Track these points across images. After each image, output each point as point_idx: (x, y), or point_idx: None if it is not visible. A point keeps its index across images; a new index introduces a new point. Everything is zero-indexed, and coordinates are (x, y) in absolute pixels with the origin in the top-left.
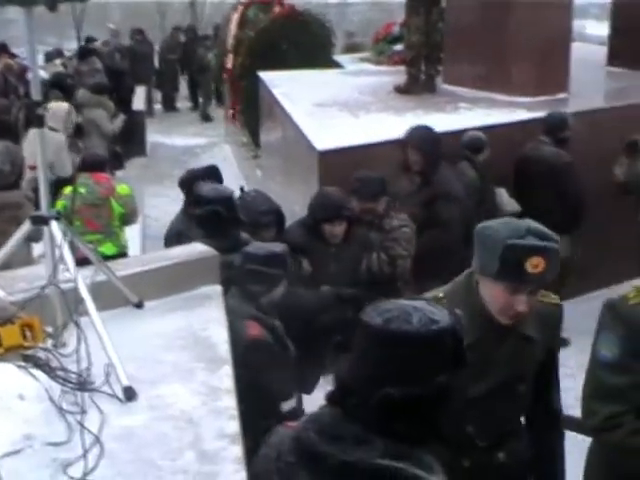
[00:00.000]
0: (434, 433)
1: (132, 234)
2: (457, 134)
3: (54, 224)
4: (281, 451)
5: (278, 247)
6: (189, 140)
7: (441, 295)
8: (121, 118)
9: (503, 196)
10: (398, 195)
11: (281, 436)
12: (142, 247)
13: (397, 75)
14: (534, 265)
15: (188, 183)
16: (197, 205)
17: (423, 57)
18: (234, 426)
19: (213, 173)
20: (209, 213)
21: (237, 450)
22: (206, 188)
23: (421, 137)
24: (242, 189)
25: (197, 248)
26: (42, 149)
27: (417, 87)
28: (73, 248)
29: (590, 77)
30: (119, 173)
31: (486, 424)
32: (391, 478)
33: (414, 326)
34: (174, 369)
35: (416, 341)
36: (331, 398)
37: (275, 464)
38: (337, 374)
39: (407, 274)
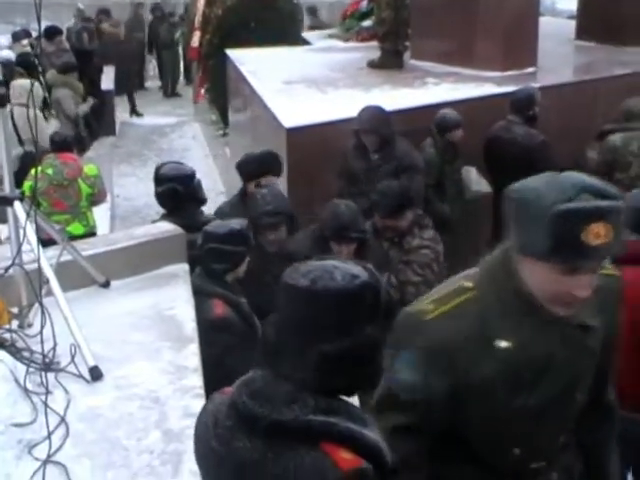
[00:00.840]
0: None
1: (101, 214)
2: (425, 109)
3: (18, 205)
4: (218, 418)
5: (238, 224)
6: (158, 119)
7: (470, 285)
8: (89, 102)
9: (472, 174)
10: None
11: (217, 403)
12: (111, 227)
13: (366, 51)
14: (596, 234)
15: (245, 167)
16: (157, 184)
17: (394, 32)
18: (200, 405)
19: (270, 158)
20: (168, 191)
21: None
22: (166, 167)
23: (371, 120)
24: (259, 184)
25: (163, 227)
26: (4, 130)
27: (391, 62)
28: (38, 228)
29: (559, 51)
30: (88, 153)
31: (537, 443)
32: (324, 433)
33: (339, 283)
34: (140, 348)
35: (343, 296)
36: (262, 361)
37: (213, 430)
38: (265, 338)
39: None
